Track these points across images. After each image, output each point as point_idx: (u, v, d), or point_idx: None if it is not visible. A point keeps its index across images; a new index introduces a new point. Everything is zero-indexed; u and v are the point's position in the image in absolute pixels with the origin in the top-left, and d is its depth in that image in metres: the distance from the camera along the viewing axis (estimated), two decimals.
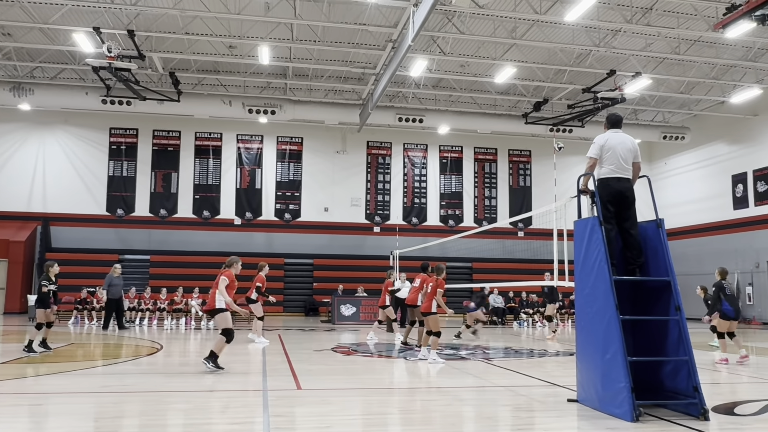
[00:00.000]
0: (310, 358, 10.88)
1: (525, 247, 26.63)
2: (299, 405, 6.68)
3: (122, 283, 17.58)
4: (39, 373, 8.85)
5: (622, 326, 5.92)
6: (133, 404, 6.62)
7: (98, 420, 5.93)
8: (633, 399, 5.67)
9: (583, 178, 6.79)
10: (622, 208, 6.71)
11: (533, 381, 8.43)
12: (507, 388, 7.90)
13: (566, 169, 26.59)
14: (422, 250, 18.84)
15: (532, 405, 6.81)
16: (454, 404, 6.97)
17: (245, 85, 22.79)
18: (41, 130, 24.93)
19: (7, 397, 6.91)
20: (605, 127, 7.10)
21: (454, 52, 19.18)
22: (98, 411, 6.29)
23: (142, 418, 6.01)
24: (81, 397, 7.04)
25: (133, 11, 16.71)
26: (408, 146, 27.71)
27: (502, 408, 6.69)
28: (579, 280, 6.71)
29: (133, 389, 7.46)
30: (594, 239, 6.36)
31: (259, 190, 26.34)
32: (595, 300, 6.31)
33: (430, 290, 10.17)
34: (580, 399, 6.58)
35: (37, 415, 6.06)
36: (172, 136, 25.94)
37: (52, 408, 6.42)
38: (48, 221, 24.57)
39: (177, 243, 24.89)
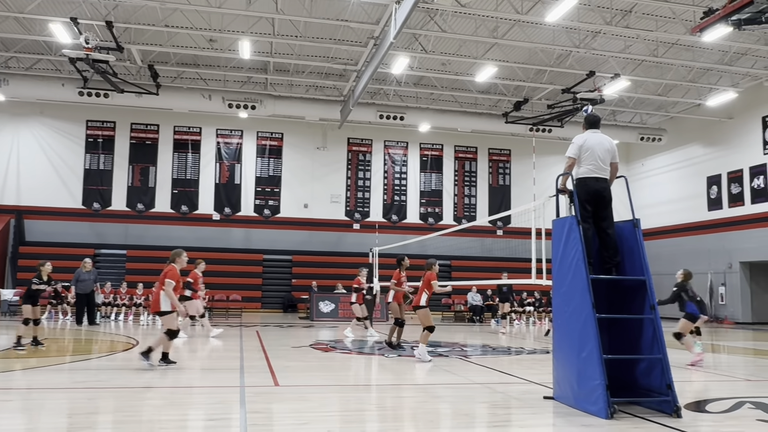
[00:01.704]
0: (288, 354, 10.84)
1: (503, 245, 26.79)
2: (276, 401, 6.65)
3: (93, 278, 17.31)
4: (11, 368, 8.70)
5: (599, 324, 5.99)
6: (108, 400, 6.54)
7: (72, 416, 5.85)
8: (608, 396, 5.74)
9: (561, 177, 6.85)
10: (599, 208, 6.78)
11: (510, 378, 8.50)
12: (484, 385, 7.94)
13: (545, 168, 26.83)
14: (402, 248, 18.84)
15: (509, 402, 6.86)
16: (431, 401, 6.99)
17: (225, 80, 22.61)
18: (16, 121, 24.48)
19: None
20: (583, 128, 7.17)
21: (435, 50, 19.22)
22: (72, 407, 6.20)
23: (117, 414, 5.94)
24: (54, 392, 6.94)
25: (112, 2, 16.48)
26: (389, 144, 27.72)
27: (479, 405, 6.73)
28: (556, 279, 6.77)
29: (108, 385, 7.37)
30: (572, 238, 6.42)
31: (238, 185, 26.15)
32: (572, 298, 6.38)
33: (422, 284, 9.99)
34: (556, 396, 6.64)
35: (9, 411, 5.96)
36: (150, 129, 25.64)
37: (25, 404, 6.31)
38: (21, 214, 24.15)
39: (154, 238, 24.60)
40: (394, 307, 11.53)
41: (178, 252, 9.16)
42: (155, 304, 8.79)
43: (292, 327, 17.58)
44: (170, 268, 8.82)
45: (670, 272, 23.17)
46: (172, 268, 8.84)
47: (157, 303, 8.73)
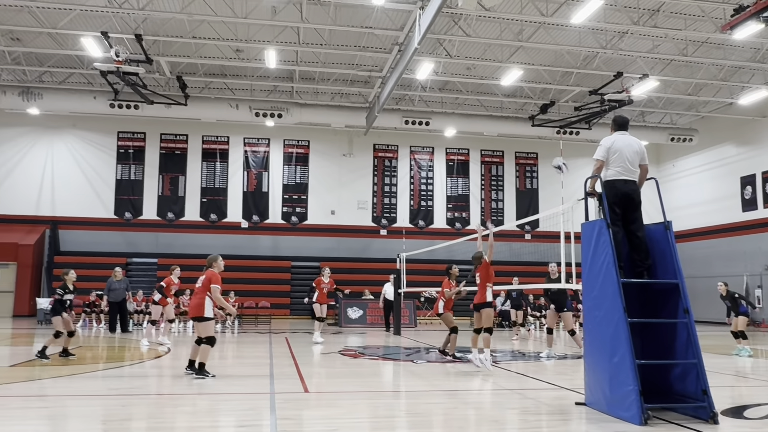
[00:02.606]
0: (317, 361, 10.88)
1: (532, 249, 26.55)
2: (306, 408, 6.68)
3: (124, 286, 17.58)
4: (47, 376, 8.89)
5: (631, 329, 5.89)
6: (141, 407, 6.64)
7: (106, 422, 5.95)
8: (641, 402, 5.64)
9: (590, 180, 6.77)
10: (628, 211, 6.69)
11: (541, 384, 8.40)
12: (514, 391, 7.87)
13: (573, 171, 26.41)
14: (429, 253, 18.83)
15: (540, 408, 6.78)
16: (461, 407, 6.95)
17: (252, 89, 22.86)
18: (50, 134, 25.08)
19: (16, 399, 6.95)
20: (612, 129, 7.08)
21: (460, 54, 19.18)
22: (106, 413, 6.31)
23: (150, 420, 6.02)
24: (89, 399, 7.06)
25: (141, 16, 16.80)
26: (414, 149, 27.72)
27: (509, 411, 6.66)
28: (586, 283, 6.69)
29: (141, 392, 7.48)
30: (601, 242, 6.34)
31: (266, 193, 26.39)
32: (602, 303, 6.29)
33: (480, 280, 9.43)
34: (588, 402, 6.55)
35: (46, 418, 6.08)
36: (179, 139, 26.04)
37: (61, 410, 6.44)
38: (56, 225, 24.70)
39: (184, 246, 24.95)
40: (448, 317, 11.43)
41: (215, 257, 8.97)
42: (197, 309, 8.58)
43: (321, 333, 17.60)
44: (212, 273, 8.70)
45: (704, 275, 22.79)
46: (213, 273, 8.72)
47: (200, 308, 8.54)
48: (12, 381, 8.10)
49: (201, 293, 8.64)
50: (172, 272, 13.97)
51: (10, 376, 8.53)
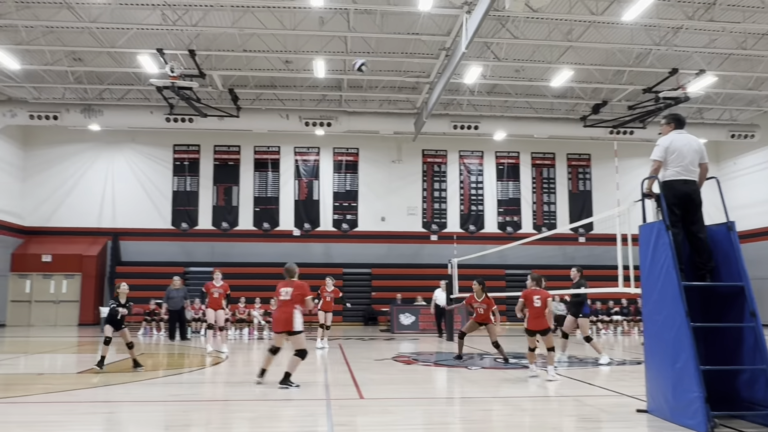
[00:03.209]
0: (371, 367, 10.91)
1: (586, 253, 26.02)
2: (362, 414, 6.71)
3: (182, 294, 18.03)
4: (111, 382, 9.20)
5: (694, 334, 5.70)
6: (201, 413, 6.80)
7: (169, 428, 6.12)
8: (707, 410, 5.44)
9: (647, 181, 6.59)
10: (688, 212, 6.49)
11: (599, 390, 8.21)
12: (572, 397, 7.71)
13: (628, 172, 25.88)
14: (480, 258, 18.66)
15: (599, 415, 6.63)
16: (517, 414, 6.85)
17: (301, 99, 23.21)
18: (110, 149, 26.06)
19: (84, 405, 7.22)
20: (667, 128, 6.88)
21: (508, 57, 19.00)
22: (168, 419, 6.49)
23: (210, 426, 6.16)
24: (151, 405, 7.28)
25: (194, 32, 17.30)
26: (464, 153, 27.57)
27: (567, 418, 6.54)
28: (646, 287, 6.51)
29: (200, 398, 7.66)
30: (660, 244, 6.16)
31: (316, 201, 26.70)
32: (663, 307, 6.11)
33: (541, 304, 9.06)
34: (650, 409, 6.36)
35: (110, 423, 6.30)
36: (232, 150, 26.65)
37: (124, 416, 6.66)
38: (117, 236, 25.61)
39: (238, 255, 25.48)
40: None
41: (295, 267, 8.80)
42: (288, 323, 8.29)
43: (373, 340, 17.69)
44: (301, 284, 8.50)
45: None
46: (301, 284, 8.52)
47: (290, 322, 8.28)
48: (79, 387, 8.42)
49: (290, 306, 8.33)
50: (214, 277, 14.19)
51: (78, 383, 8.88)
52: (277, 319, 8.50)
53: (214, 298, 13.77)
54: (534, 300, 8.97)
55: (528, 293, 9.10)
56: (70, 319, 24.09)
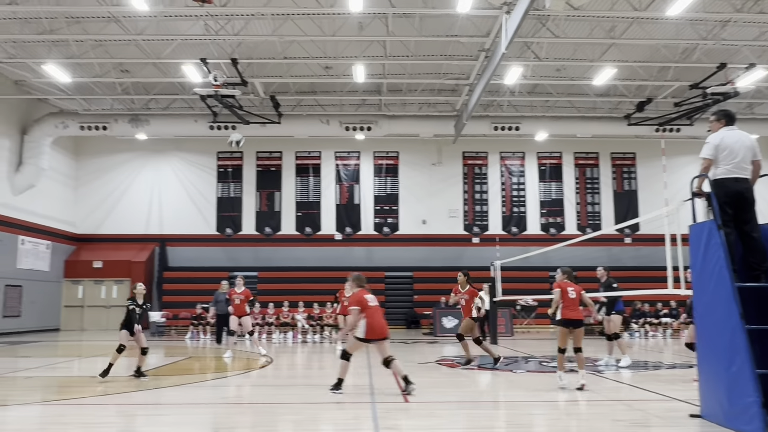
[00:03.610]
0: (415, 370, 10.88)
1: (633, 253, 25.48)
2: (407, 418, 6.71)
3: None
4: (159, 385, 9.43)
5: (749, 336, 5.52)
6: (247, 415, 6.91)
7: (217, 430, 6.24)
8: (764, 415, 5.26)
9: (697, 180, 6.42)
10: (741, 210, 6.30)
11: (649, 395, 8.01)
12: (620, 401, 7.56)
13: (676, 170, 25.28)
14: (524, 260, 18.45)
15: (650, 420, 6.48)
16: (565, 419, 6.75)
17: (341, 104, 23.39)
18: (156, 157, 26.74)
19: (133, 407, 7.42)
20: (717, 124, 6.69)
21: (549, 56, 18.77)
22: (216, 421, 6.62)
23: (256, 429, 6.25)
24: (199, 408, 7.43)
25: (236, 40, 17.63)
26: (504, 155, 27.32)
27: (616, 423, 6.40)
28: (697, 288, 6.34)
29: (246, 401, 7.78)
30: (712, 244, 5.99)
31: (357, 205, 26.84)
32: (715, 309, 5.94)
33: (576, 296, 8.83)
34: (703, 414, 6.19)
35: (161, 425, 6.45)
36: (274, 156, 27.02)
37: (174, 418, 6.82)
38: (165, 242, 26.24)
39: (282, 259, 25.81)
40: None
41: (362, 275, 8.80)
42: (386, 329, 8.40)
43: (416, 343, 17.67)
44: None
45: None
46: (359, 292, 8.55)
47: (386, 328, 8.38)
48: (131, 390, 8.66)
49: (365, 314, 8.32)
50: (236, 284, 14.23)
51: (129, 385, 9.12)
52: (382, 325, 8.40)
53: (236, 305, 13.87)
54: (569, 291, 8.78)
55: (563, 284, 8.90)
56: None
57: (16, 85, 21.53)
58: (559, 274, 9.13)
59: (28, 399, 7.95)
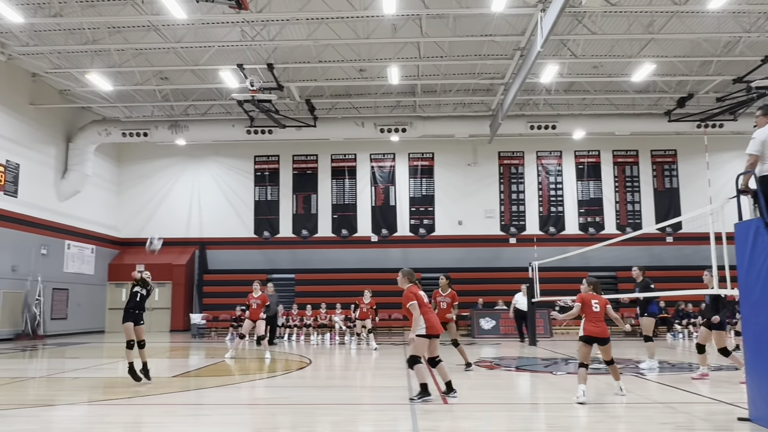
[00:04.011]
0: (453, 372, 10.85)
1: (675, 253, 24.91)
2: (446, 419, 6.69)
3: (275, 300, 18.49)
4: (201, 386, 9.60)
5: None
6: (287, 416, 6.98)
7: (259, 431, 6.32)
8: None
9: (743, 176, 6.25)
10: None
11: (694, 397, 7.82)
12: (664, 404, 7.39)
13: (719, 167, 24.60)
14: (562, 261, 18.20)
15: (695, 423, 6.32)
16: (607, 421, 6.63)
17: (376, 106, 23.46)
18: (195, 162, 27.25)
19: (177, 407, 7.57)
20: (764, 119, 6.50)
21: (586, 53, 18.50)
22: (256, 422, 6.71)
23: (297, 429, 6.31)
24: (241, 408, 7.54)
25: (271, 46, 17.86)
26: (541, 154, 27.02)
27: (660, 426, 6.27)
28: (744, 288, 6.16)
29: (286, 402, 7.86)
30: (759, 243, 5.82)
31: (393, 206, 26.87)
32: (763, 309, 5.76)
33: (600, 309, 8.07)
34: (752, 418, 6.01)
35: (204, 425, 6.57)
36: (310, 159, 27.25)
37: (217, 418, 6.93)
38: (204, 245, 26.71)
39: (319, 261, 26.00)
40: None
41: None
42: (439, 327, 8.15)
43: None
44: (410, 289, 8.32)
45: None
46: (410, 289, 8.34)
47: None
48: (174, 390, 8.84)
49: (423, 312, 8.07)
50: (253, 288, 14.22)
51: (173, 386, 9.31)
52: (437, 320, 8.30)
53: (253, 309, 14.01)
54: (593, 304, 7.99)
55: (586, 296, 8.09)
56: (163, 325, 25.30)
57: (61, 95, 22.22)
58: (585, 285, 8.32)
59: (76, 399, 8.18)
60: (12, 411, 7.24)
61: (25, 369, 11.92)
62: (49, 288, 21.63)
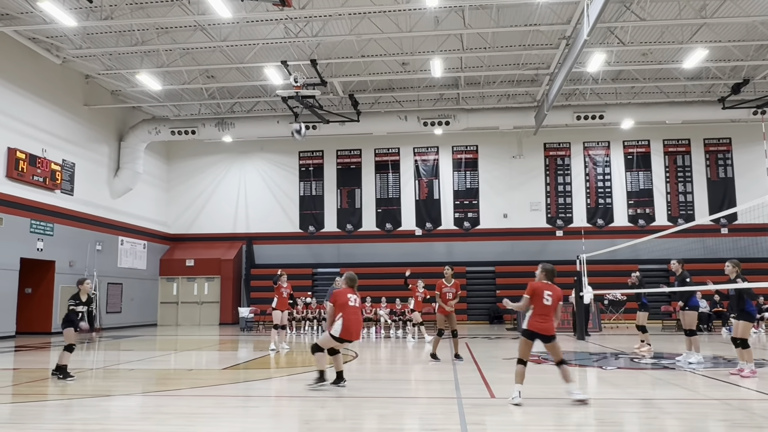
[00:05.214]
0: (500, 366, 10.77)
1: (730, 245, 24.09)
2: (494, 414, 6.64)
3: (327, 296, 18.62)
4: (249, 378, 9.78)
5: None
6: (334, 408, 7.05)
7: (308, 422, 6.40)
8: None
9: None
10: None
11: (753, 394, 7.57)
12: (721, 401, 7.17)
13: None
14: (611, 254, 17.84)
15: (755, 420, 6.11)
16: (661, 417, 6.48)
17: (419, 99, 23.39)
18: (241, 159, 27.72)
19: (228, 399, 7.73)
20: None
21: (634, 40, 18.03)
22: (305, 414, 6.79)
23: (346, 422, 6.37)
24: (287, 400, 7.65)
25: (315, 42, 17.98)
26: (588, 145, 26.49)
27: (717, 423, 6.08)
28: None
29: (333, 395, 7.93)
30: None
31: (437, 200, 26.78)
32: None
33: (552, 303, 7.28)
34: None
35: (255, 416, 6.70)
36: (353, 154, 27.39)
37: (267, 410, 7.06)
38: (251, 240, 27.17)
39: (363, 255, 26.13)
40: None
41: None
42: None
43: (500, 339, 17.45)
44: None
45: None
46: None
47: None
48: (224, 382, 9.03)
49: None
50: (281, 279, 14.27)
51: (222, 378, 9.52)
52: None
53: (283, 298, 14.17)
54: (545, 296, 7.14)
55: (538, 286, 7.22)
56: (212, 318, 25.89)
57: (113, 95, 22.90)
58: (539, 272, 7.47)
59: (131, 390, 8.45)
60: (73, 401, 7.53)
61: (83, 361, 12.36)
62: (104, 283, 22.38)
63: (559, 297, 7.30)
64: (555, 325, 7.28)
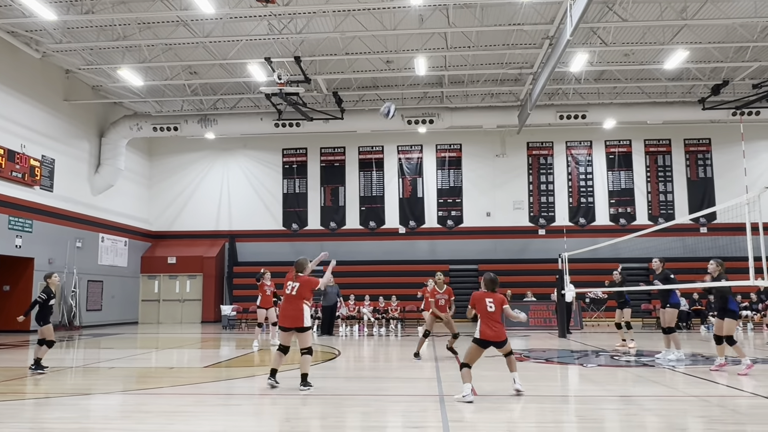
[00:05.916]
0: (483, 363, 10.78)
1: (709, 244, 24.39)
2: (476, 411, 6.67)
3: (336, 291, 18.66)
4: (231, 376, 9.72)
5: None
6: (316, 406, 7.03)
7: (289, 420, 6.38)
8: None
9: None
10: None
11: (731, 391, 7.67)
12: (699, 398, 7.27)
13: (755, 155, 24.08)
14: (592, 252, 17.99)
15: (732, 417, 6.20)
16: (640, 414, 6.55)
17: (403, 97, 23.40)
18: (224, 156, 27.54)
19: (209, 397, 7.69)
20: None
21: (616, 41, 18.18)
22: (287, 412, 6.77)
23: (327, 419, 6.36)
24: (269, 398, 7.62)
25: (298, 39, 17.91)
26: (571, 144, 26.69)
27: (695, 420, 6.16)
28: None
29: (315, 392, 7.92)
30: None
31: (421, 198, 26.83)
32: None
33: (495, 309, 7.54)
34: None
35: (236, 414, 6.66)
36: (337, 152, 27.34)
37: (248, 408, 7.02)
38: (234, 238, 27.01)
39: (347, 253, 26.00)
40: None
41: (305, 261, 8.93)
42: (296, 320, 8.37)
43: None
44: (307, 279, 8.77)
45: None
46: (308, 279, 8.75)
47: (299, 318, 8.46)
48: (206, 381, 8.97)
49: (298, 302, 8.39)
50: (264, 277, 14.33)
51: (204, 376, 9.46)
52: (285, 315, 8.30)
53: (266, 296, 14.19)
54: (487, 304, 7.42)
55: (479, 295, 7.57)
56: (194, 316, 25.71)
57: (94, 91, 22.63)
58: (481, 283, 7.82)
59: (111, 388, 8.37)
60: (51, 399, 7.44)
61: (63, 359, 12.22)
62: (84, 280, 22.12)
63: (501, 302, 7.56)
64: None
